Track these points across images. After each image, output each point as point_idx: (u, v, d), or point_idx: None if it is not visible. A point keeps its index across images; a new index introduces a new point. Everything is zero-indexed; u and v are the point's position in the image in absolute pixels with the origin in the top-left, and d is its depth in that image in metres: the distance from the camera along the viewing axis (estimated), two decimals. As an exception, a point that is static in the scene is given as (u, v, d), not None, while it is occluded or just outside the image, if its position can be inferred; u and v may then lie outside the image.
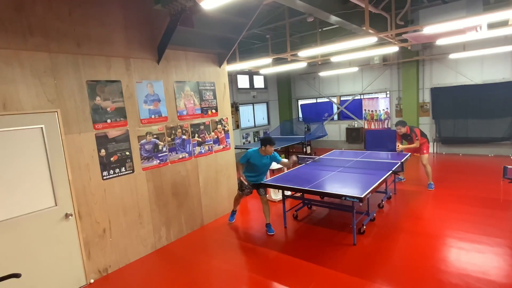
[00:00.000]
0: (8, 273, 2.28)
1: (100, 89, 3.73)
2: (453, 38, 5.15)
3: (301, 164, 6.01)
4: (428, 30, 4.38)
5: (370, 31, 4.90)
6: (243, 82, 11.43)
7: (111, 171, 3.87)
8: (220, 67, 5.43)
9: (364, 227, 4.43)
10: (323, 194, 4.22)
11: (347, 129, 11.46)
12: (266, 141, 4.46)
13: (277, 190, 5.90)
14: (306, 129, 12.18)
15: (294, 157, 4.75)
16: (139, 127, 4.18)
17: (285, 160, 4.68)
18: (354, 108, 11.32)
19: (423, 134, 6.28)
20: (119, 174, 3.96)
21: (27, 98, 3.13)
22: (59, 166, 3.40)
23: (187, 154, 4.87)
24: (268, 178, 5.08)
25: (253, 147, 4.68)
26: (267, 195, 4.84)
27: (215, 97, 5.36)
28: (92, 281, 3.72)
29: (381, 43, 7.30)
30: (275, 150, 4.74)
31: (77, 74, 3.52)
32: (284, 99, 12.80)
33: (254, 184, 4.71)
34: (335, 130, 11.85)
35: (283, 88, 12.74)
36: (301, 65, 8.54)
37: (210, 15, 4.34)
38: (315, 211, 5.45)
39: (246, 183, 4.65)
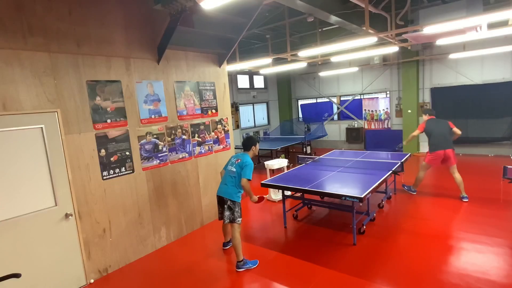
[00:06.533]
0: (8, 273, 2.28)
1: (100, 89, 3.73)
2: (453, 38, 5.15)
3: (301, 164, 6.01)
4: (428, 30, 4.38)
5: (370, 31, 4.90)
6: (243, 82, 11.43)
7: (111, 171, 3.87)
8: (220, 67, 5.43)
9: (364, 227, 4.43)
10: (323, 194, 4.22)
11: (347, 129, 11.45)
12: (253, 141, 3.91)
13: (277, 190, 5.90)
14: (306, 129, 12.18)
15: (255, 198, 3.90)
16: (139, 127, 4.18)
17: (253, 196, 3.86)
18: (354, 108, 11.32)
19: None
20: (119, 174, 3.96)
21: (27, 98, 3.13)
22: (59, 166, 3.40)
23: (187, 154, 4.87)
24: (267, 178, 5.08)
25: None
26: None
27: (215, 97, 5.36)
28: (92, 281, 3.72)
29: (381, 43, 7.30)
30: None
31: (77, 74, 3.52)
32: (284, 99, 12.79)
33: (219, 196, 3.86)
34: (335, 130, 11.85)
35: (283, 88, 12.73)
36: (301, 65, 8.53)
37: (210, 15, 4.34)
38: (315, 211, 5.45)
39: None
